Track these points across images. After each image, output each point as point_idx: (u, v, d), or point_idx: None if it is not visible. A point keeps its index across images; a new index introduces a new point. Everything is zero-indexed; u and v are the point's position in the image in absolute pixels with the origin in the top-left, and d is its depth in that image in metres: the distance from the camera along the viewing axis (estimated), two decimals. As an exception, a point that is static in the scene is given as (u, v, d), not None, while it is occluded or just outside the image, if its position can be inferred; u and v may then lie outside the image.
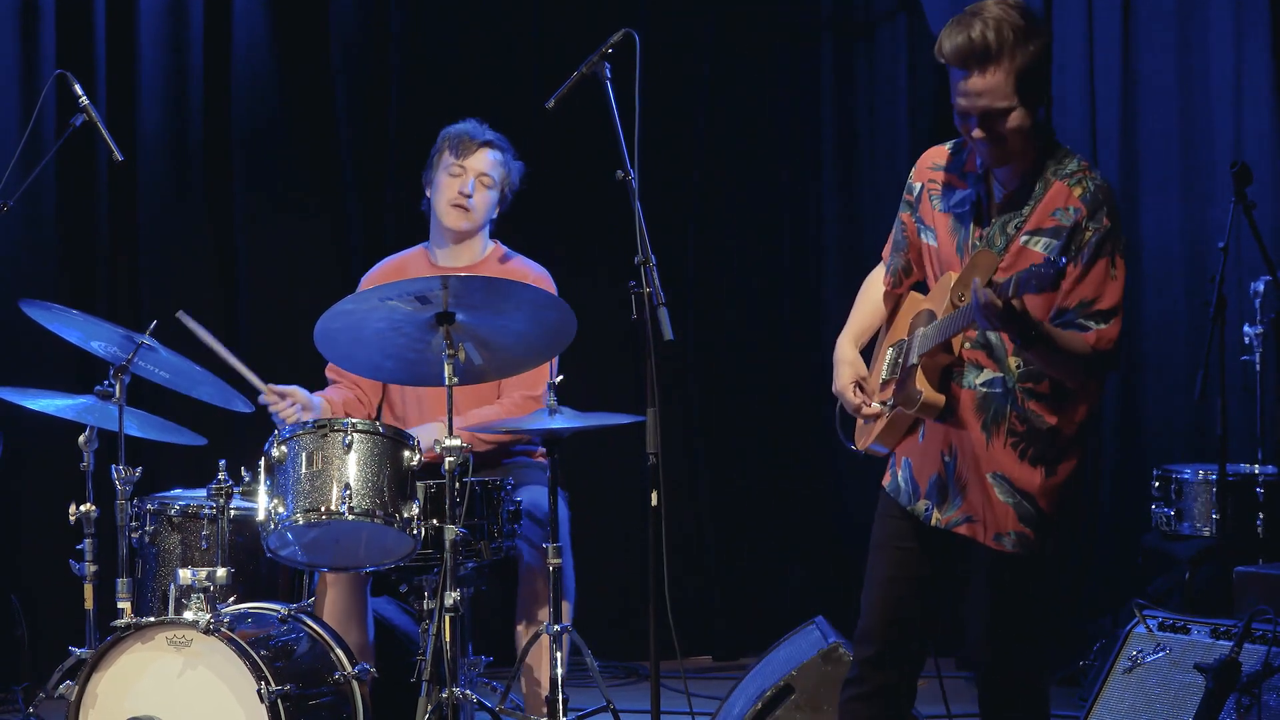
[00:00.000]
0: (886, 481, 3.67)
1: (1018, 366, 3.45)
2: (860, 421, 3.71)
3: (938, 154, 3.65)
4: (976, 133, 3.41)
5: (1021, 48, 3.34)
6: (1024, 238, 3.41)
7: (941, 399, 3.48)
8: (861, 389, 3.63)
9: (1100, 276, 3.40)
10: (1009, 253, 3.39)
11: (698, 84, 6.67)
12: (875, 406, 3.59)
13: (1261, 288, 5.60)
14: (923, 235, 3.61)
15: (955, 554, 3.59)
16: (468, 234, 4.97)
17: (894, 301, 3.74)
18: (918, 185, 3.65)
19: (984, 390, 3.47)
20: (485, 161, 4.96)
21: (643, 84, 4.03)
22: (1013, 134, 3.39)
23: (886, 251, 3.76)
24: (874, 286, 3.78)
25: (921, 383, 3.47)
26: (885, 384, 3.64)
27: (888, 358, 3.69)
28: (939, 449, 3.54)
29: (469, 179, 4.93)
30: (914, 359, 3.51)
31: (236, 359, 4.69)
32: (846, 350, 3.70)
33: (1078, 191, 3.41)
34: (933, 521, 3.55)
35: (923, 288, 3.70)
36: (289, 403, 4.73)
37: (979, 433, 3.48)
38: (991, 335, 3.46)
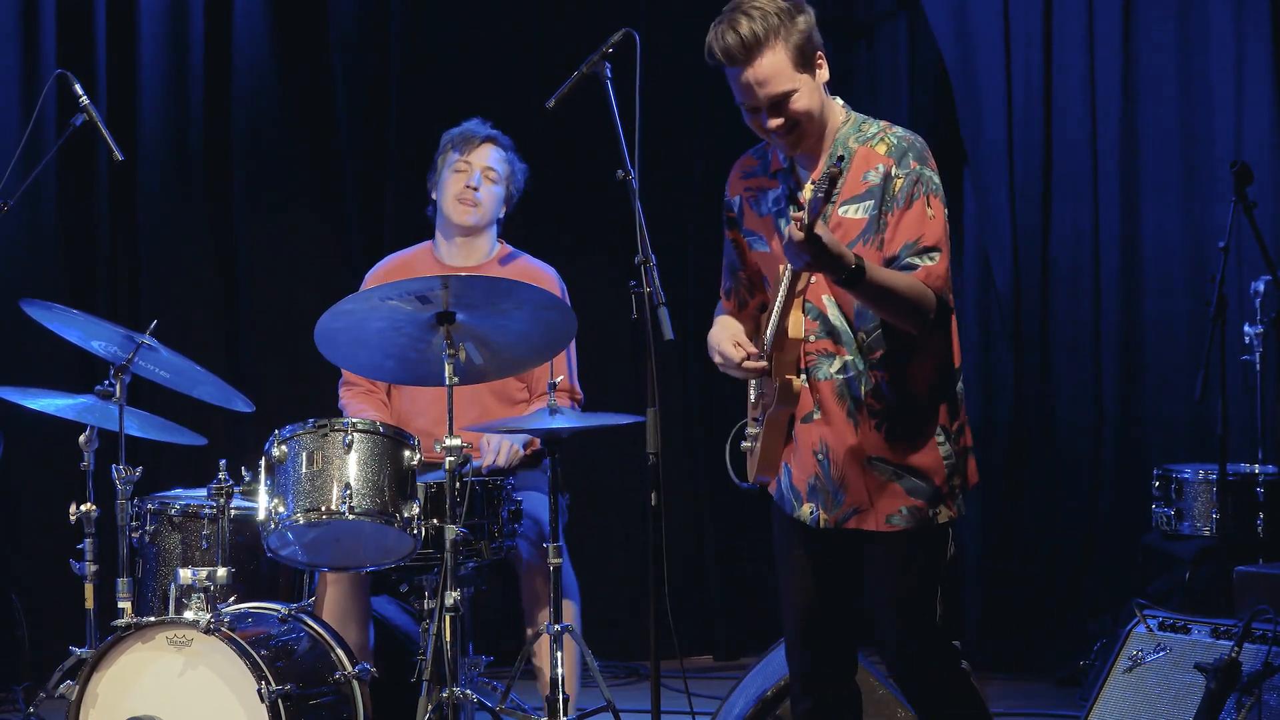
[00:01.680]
0: (773, 489, 3.66)
1: (861, 344, 3.46)
2: (748, 457, 3.70)
3: (745, 164, 3.67)
4: (772, 123, 3.43)
5: (788, 26, 3.41)
6: (841, 208, 3.44)
7: (796, 380, 3.47)
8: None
9: (918, 217, 3.41)
10: (831, 227, 3.38)
11: (698, 84, 6.67)
12: (758, 363, 3.49)
13: (1262, 287, 5.60)
14: (754, 246, 3.62)
15: (854, 549, 3.57)
16: (475, 230, 4.97)
17: (750, 324, 3.71)
18: (735, 200, 3.66)
19: (840, 378, 3.48)
20: (490, 156, 4.98)
21: (643, 84, 4.02)
22: (804, 115, 3.43)
23: (723, 278, 3.77)
24: (722, 314, 3.76)
25: (775, 377, 3.47)
26: (755, 404, 3.63)
27: (752, 386, 3.68)
28: (810, 449, 3.53)
29: (474, 173, 4.95)
30: (766, 360, 3.49)
31: None
32: (719, 324, 3.66)
33: (881, 149, 3.45)
34: (821, 524, 3.53)
35: None
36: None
37: (845, 421, 3.48)
38: (835, 319, 3.47)
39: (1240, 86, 6.17)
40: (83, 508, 4.45)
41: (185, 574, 4.14)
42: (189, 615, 4.10)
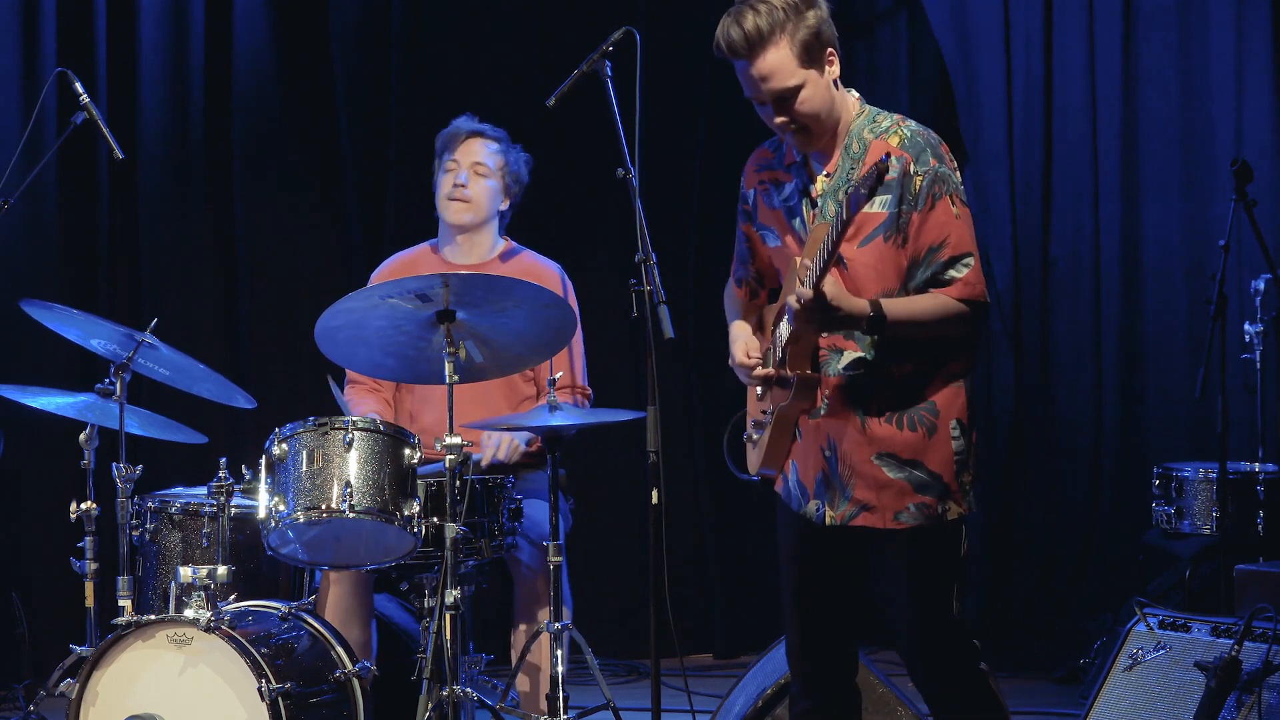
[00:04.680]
0: (779, 487, 3.62)
1: (873, 339, 3.42)
2: (749, 447, 3.67)
3: (760, 156, 3.64)
4: (777, 119, 3.41)
5: (796, 21, 3.35)
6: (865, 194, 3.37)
7: (814, 375, 3.43)
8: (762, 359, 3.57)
9: (943, 218, 3.36)
10: (851, 222, 3.29)
11: (698, 82, 6.67)
12: (769, 369, 3.49)
13: (1262, 286, 5.60)
14: (767, 240, 3.60)
15: (861, 548, 3.54)
16: (471, 227, 4.95)
17: (756, 314, 3.70)
18: (750, 192, 3.63)
19: (849, 374, 3.44)
20: (477, 151, 4.94)
21: (643, 82, 4.02)
22: (810, 117, 3.39)
23: (734, 265, 3.74)
24: (733, 298, 3.75)
25: (791, 370, 3.43)
26: (762, 398, 3.60)
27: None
28: (818, 445, 3.50)
29: (462, 170, 4.92)
30: (779, 353, 3.47)
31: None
32: (737, 327, 3.65)
33: (895, 140, 3.39)
34: (827, 521, 3.50)
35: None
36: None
37: (855, 417, 3.44)
38: None
39: (1240, 85, 6.17)
40: (83, 506, 4.45)
41: (185, 572, 4.14)
42: (189, 613, 4.10)
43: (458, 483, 4.16)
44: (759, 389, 3.61)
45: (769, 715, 4.47)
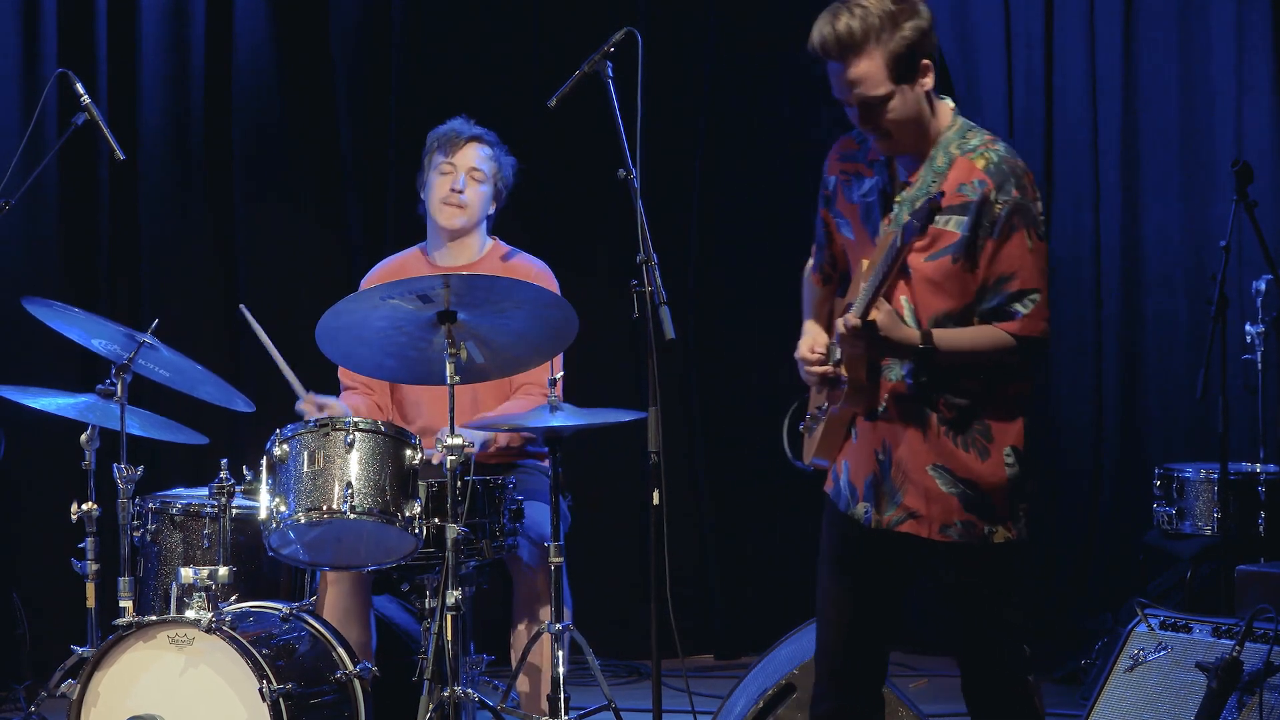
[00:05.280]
0: (829, 487, 3.60)
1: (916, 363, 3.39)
2: (805, 437, 3.64)
3: (845, 145, 3.57)
4: (864, 126, 3.37)
5: (892, 31, 3.28)
6: (936, 218, 3.33)
7: (864, 380, 3.41)
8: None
9: (1017, 251, 3.31)
10: (925, 235, 3.28)
11: (698, 82, 6.67)
12: (828, 367, 3.47)
13: (1263, 286, 5.60)
14: (841, 229, 3.55)
15: (905, 553, 3.51)
16: (463, 231, 4.95)
17: (830, 303, 3.66)
18: (832, 179, 3.57)
19: (912, 381, 3.40)
20: (475, 156, 4.93)
21: (644, 83, 4.02)
22: (896, 124, 3.34)
23: (813, 250, 3.71)
24: (810, 287, 3.73)
25: (847, 373, 3.41)
26: (819, 392, 3.58)
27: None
28: (872, 448, 3.47)
29: (459, 175, 4.91)
30: (838, 355, 3.45)
31: (284, 361, 4.68)
32: (808, 324, 3.63)
33: (980, 164, 3.34)
34: (873, 524, 3.47)
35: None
36: (326, 415, 4.68)
37: (914, 424, 3.41)
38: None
39: (1240, 85, 6.17)
40: (84, 507, 4.45)
41: (187, 573, 4.14)
42: (190, 614, 4.10)
43: (459, 484, 4.17)
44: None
45: (770, 716, 4.47)
